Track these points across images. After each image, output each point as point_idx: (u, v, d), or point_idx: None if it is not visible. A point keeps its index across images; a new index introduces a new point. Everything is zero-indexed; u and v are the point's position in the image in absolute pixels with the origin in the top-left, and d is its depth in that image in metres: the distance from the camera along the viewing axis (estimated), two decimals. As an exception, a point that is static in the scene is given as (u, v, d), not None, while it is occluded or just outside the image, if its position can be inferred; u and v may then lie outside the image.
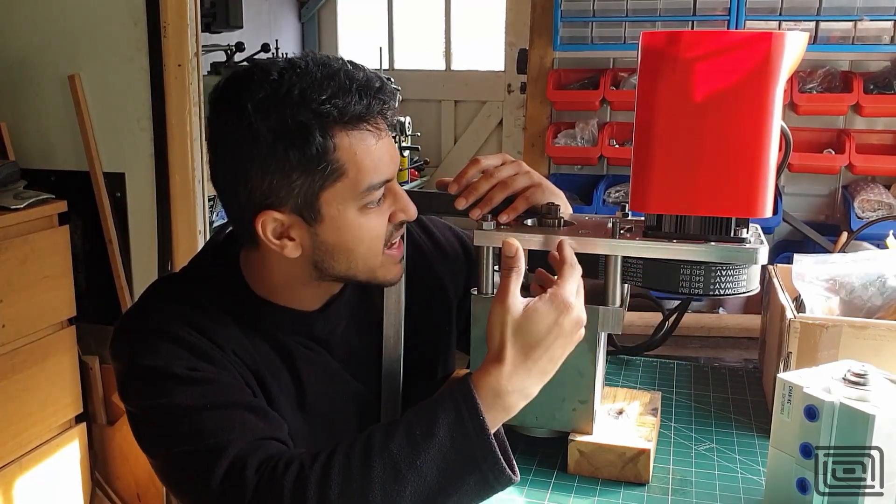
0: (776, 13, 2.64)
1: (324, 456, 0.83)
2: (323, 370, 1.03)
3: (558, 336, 0.85)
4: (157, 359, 0.91)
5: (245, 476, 0.83)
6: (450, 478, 0.80)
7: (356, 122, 0.88)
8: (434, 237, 1.21)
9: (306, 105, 0.86)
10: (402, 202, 0.96)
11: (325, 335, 1.04)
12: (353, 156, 0.89)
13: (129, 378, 0.94)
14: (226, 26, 3.22)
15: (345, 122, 0.87)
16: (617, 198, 2.81)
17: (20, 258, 2.04)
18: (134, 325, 0.97)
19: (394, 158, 0.94)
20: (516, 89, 4.12)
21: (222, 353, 0.94)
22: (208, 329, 0.94)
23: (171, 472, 0.91)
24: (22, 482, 2.13)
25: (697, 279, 0.91)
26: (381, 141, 0.91)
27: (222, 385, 0.91)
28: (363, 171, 0.90)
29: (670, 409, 1.18)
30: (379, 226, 0.95)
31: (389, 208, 0.96)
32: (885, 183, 2.71)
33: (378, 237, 0.95)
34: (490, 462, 0.81)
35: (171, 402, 0.89)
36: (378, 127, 0.91)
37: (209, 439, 0.86)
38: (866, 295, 1.18)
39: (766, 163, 0.86)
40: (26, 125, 2.29)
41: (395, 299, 1.06)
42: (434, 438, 0.81)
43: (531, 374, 0.84)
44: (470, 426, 0.81)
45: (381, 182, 0.92)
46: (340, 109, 0.86)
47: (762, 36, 0.84)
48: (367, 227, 0.94)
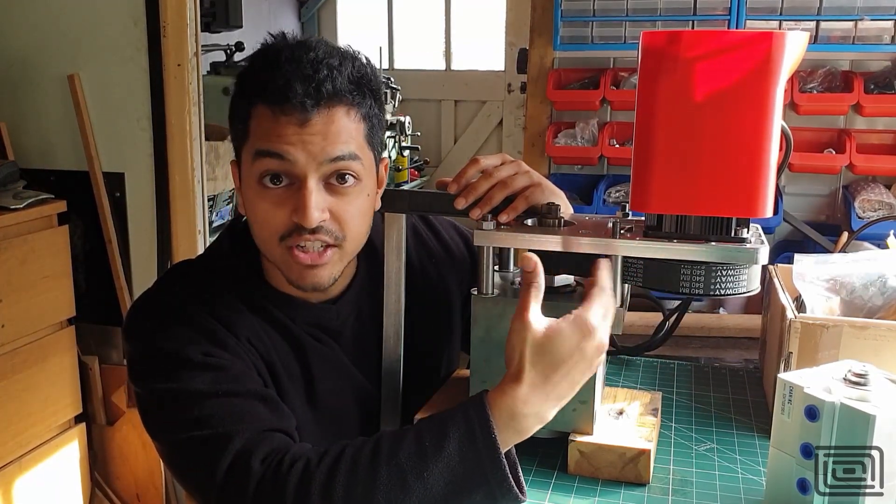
0: (776, 13, 2.64)
1: (330, 456, 0.83)
2: (332, 364, 1.04)
3: (579, 360, 0.82)
4: (172, 342, 0.92)
5: (250, 467, 0.83)
6: (456, 492, 0.80)
7: (273, 100, 0.91)
8: (440, 236, 1.21)
9: (252, 72, 0.95)
10: (301, 202, 0.92)
11: (337, 326, 1.05)
12: (258, 124, 0.93)
13: (143, 359, 0.94)
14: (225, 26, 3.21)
15: (262, 97, 0.92)
16: (617, 198, 2.81)
17: (20, 258, 2.04)
18: (151, 306, 0.98)
19: (310, 154, 0.91)
20: (516, 89, 4.12)
21: (237, 341, 0.95)
22: (224, 316, 0.95)
23: (176, 458, 0.91)
24: (22, 482, 2.12)
25: (698, 279, 0.91)
26: (294, 126, 0.91)
27: (235, 373, 0.91)
28: (256, 135, 0.93)
29: (671, 410, 1.18)
30: (269, 210, 0.94)
31: (291, 203, 0.93)
32: (885, 183, 2.71)
33: (267, 223, 0.94)
34: (498, 479, 0.80)
35: (183, 386, 0.89)
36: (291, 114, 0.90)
37: (217, 427, 0.86)
38: (867, 295, 1.18)
39: (766, 162, 0.86)
40: (26, 125, 2.29)
41: (395, 299, 1.06)
42: (443, 452, 0.80)
43: (549, 397, 0.83)
44: (481, 442, 0.80)
45: (268, 151, 0.92)
46: (263, 83, 0.92)
47: (763, 36, 0.83)
48: (259, 206, 0.95)
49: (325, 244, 0.95)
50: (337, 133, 0.92)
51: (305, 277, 0.96)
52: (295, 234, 0.94)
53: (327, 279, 0.98)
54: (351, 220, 0.96)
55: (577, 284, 1.03)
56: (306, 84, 0.90)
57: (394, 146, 3.80)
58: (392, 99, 3.81)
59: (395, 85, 3.87)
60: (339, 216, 0.95)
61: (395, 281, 1.07)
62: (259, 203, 0.94)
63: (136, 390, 0.96)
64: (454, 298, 1.19)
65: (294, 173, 0.92)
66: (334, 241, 0.96)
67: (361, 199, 0.97)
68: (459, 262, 1.21)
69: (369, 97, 0.96)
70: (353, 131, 0.94)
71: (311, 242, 0.94)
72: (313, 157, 0.91)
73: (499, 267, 1.08)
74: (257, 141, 0.93)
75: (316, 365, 1.02)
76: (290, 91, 0.89)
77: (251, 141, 0.94)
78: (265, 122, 0.92)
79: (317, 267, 0.96)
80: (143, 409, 0.95)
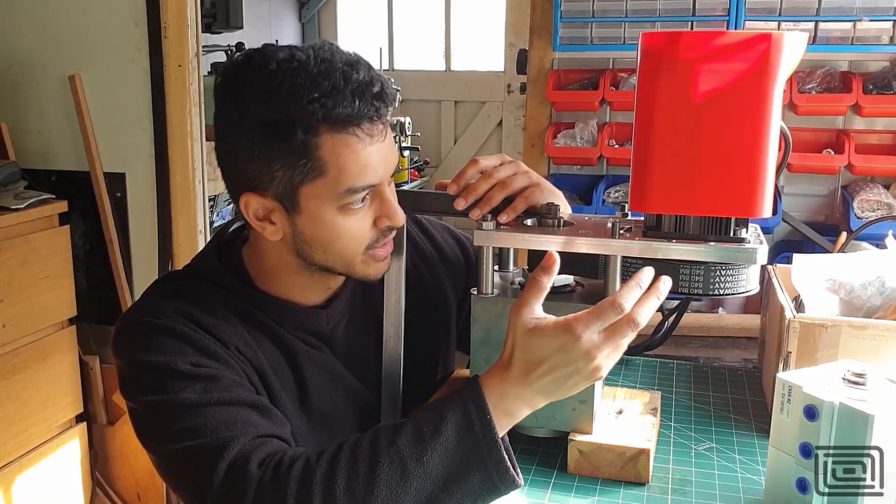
0: (775, 13, 2.64)
1: (329, 452, 0.83)
2: (325, 368, 1.03)
3: (560, 363, 0.82)
4: (160, 354, 0.91)
5: (248, 472, 0.83)
6: (455, 475, 0.80)
7: (343, 124, 0.88)
8: (434, 239, 1.21)
9: (296, 101, 0.87)
10: (389, 208, 0.95)
11: (328, 331, 1.04)
12: (336, 157, 0.89)
13: (132, 374, 0.94)
14: (226, 26, 3.22)
15: (331, 122, 0.88)
16: (617, 198, 2.81)
17: (20, 258, 2.04)
18: (137, 321, 0.97)
19: (386, 162, 0.93)
20: (516, 89, 4.12)
21: (226, 350, 0.94)
22: (212, 325, 0.95)
23: (172, 469, 0.91)
24: (22, 482, 2.13)
25: (697, 279, 0.91)
26: (370, 146, 0.90)
27: (226, 381, 0.91)
28: (344, 173, 0.90)
29: (670, 409, 1.18)
30: (358, 228, 0.95)
31: (375, 212, 0.95)
32: (884, 183, 2.71)
33: (356, 238, 0.95)
34: (495, 460, 0.80)
35: (174, 398, 0.89)
36: (368, 132, 0.90)
37: (211, 435, 0.86)
38: (865, 295, 1.18)
39: (765, 163, 0.86)
40: (27, 125, 2.29)
41: (394, 299, 1.07)
42: (441, 436, 0.81)
43: (532, 387, 0.83)
44: (477, 424, 0.81)
45: (363, 187, 0.91)
46: (328, 109, 0.87)
47: (761, 36, 0.84)
48: (346, 228, 0.94)
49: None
50: (390, 142, 0.94)
51: (381, 270, 1.00)
52: (380, 237, 0.97)
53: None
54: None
55: (576, 284, 1.03)
56: (378, 103, 0.89)
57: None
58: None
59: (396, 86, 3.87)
60: None
61: (394, 281, 1.07)
62: (346, 225, 0.94)
63: (128, 405, 0.95)
64: (449, 301, 1.19)
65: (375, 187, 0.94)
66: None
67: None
68: (453, 265, 1.21)
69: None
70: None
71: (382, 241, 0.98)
72: (390, 168, 0.94)
73: (499, 267, 1.08)
74: (348, 178, 0.90)
75: (308, 369, 1.01)
76: (367, 115, 0.88)
77: (336, 177, 0.90)
78: (348, 156, 0.89)
79: (387, 256, 1.00)
80: (136, 423, 0.94)
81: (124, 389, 0.95)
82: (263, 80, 0.88)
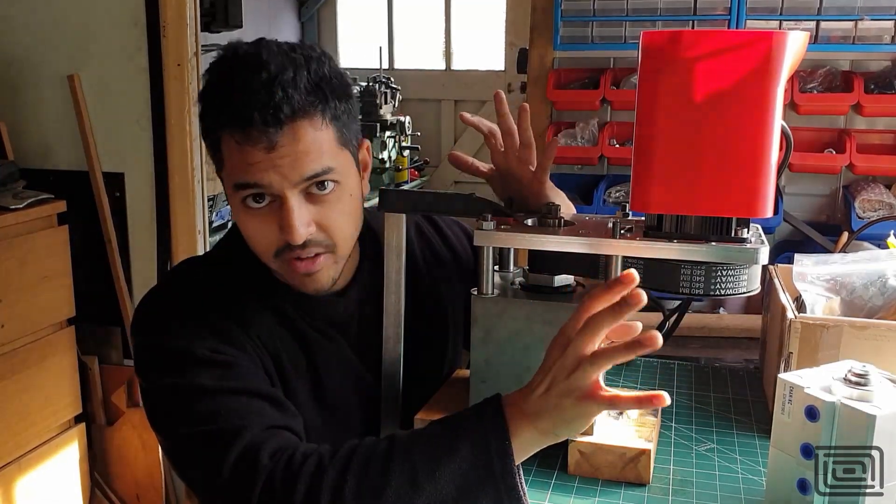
0: (777, 13, 2.64)
1: (343, 453, 0.83)
2: (338, 359, 1.04)
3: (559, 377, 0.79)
4: (179, 338, 0.92)
5: (258, 462, 0.83)
6: (465, 495, 0.80)
7: (232, 126, 0.90)
8: (444, 234, 1.22)
9: (209, 98, 0.94)
10: (285, 220, 0.92)
11: (344, 319, 1.05)
12: (230, 154, 0.93)
13: (150, 354, 0.95)
14: (225, 26, 3.21)
15: (224, 122, 0.91)
16: (617, 198, 2.81)
17: (19, 258, 2.04)
18: (160, 302, 0.99)
19: (278, 170, 0.90)
20: (516, 89, 4.11)
21: (245, 337, 0.95)
22: (233, 312, 0.96)
23: (180, 453, 0.92)
24: (21, 482, 2.12)
25: (698, 279, 0.91)
26: (260, 148, 0.89)
27: (242, 370, 0.92)
28: (229, 169, 0.93)
29: (671, 410, 1.18)
30: (259, 229, 0.94)
31: (277, 219, 0.93)
32: (885, 183, 2.70)
33: (258, 240, 0.95)
34: (508, 485, 0.79)
35: (190, 382, 0.89)
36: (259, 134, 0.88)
37: (223, 423, 0.86)
38: (867, 295, 1.18)
39: (766, 162, 0.86)
40: (25, 125, 2.29)
41: (394, 300, 1.06)
42: (456, 455, 0.80)
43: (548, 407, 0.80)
44: (494, 446, 0.80)
45: (246, 184, 0.91)
46: (221, 112, 0.91)
47: (763, 35, 0.83)
48: (247, 225, 0.96)
49: (316, 252, 0.96)
50: (305, 152, 0.91)
51: (306, 284, 0.99)
52: (287, 249, 0.95)
53: (326, 282, 1.00)
54: (337, 226, 0.96)
55: (577, 284, 1.03)
56: (264, 111, 0.87)
57: (394, 146, 3.80)
58: (392, 99, 3.81)
59: (395, 85, 3.86)
60: (325, 225, 0.95)
61: (394, 281, 1.06)
62: (248, 223, 0.95)
63: (141, 384, 0.96)
64: (458, 296, 1.19)
65: (273, 193, 0.92)
66: (325, 249, 0.97)
67: (344, 200, 0.97)
68: (464, 260, 1.21)
69: (332, 97, 0.93)
70: (323, 141, 0.92)
71: (303, 253, 0.95)
72: (287, 178, 0.91)
73: (499, 267, 1.07)
74: (232, 173, 0.93)
75: (321, 360, 1.02)
76: (251, 121, 0.88)
77: (226, 171, 0.94)
78: (234, 154, 0.91)
79: (313, 274, 0.97)
80: (148, 404, 0.95)
81: (139, 369, 0.96)
82: (210, 74, 0.94)
